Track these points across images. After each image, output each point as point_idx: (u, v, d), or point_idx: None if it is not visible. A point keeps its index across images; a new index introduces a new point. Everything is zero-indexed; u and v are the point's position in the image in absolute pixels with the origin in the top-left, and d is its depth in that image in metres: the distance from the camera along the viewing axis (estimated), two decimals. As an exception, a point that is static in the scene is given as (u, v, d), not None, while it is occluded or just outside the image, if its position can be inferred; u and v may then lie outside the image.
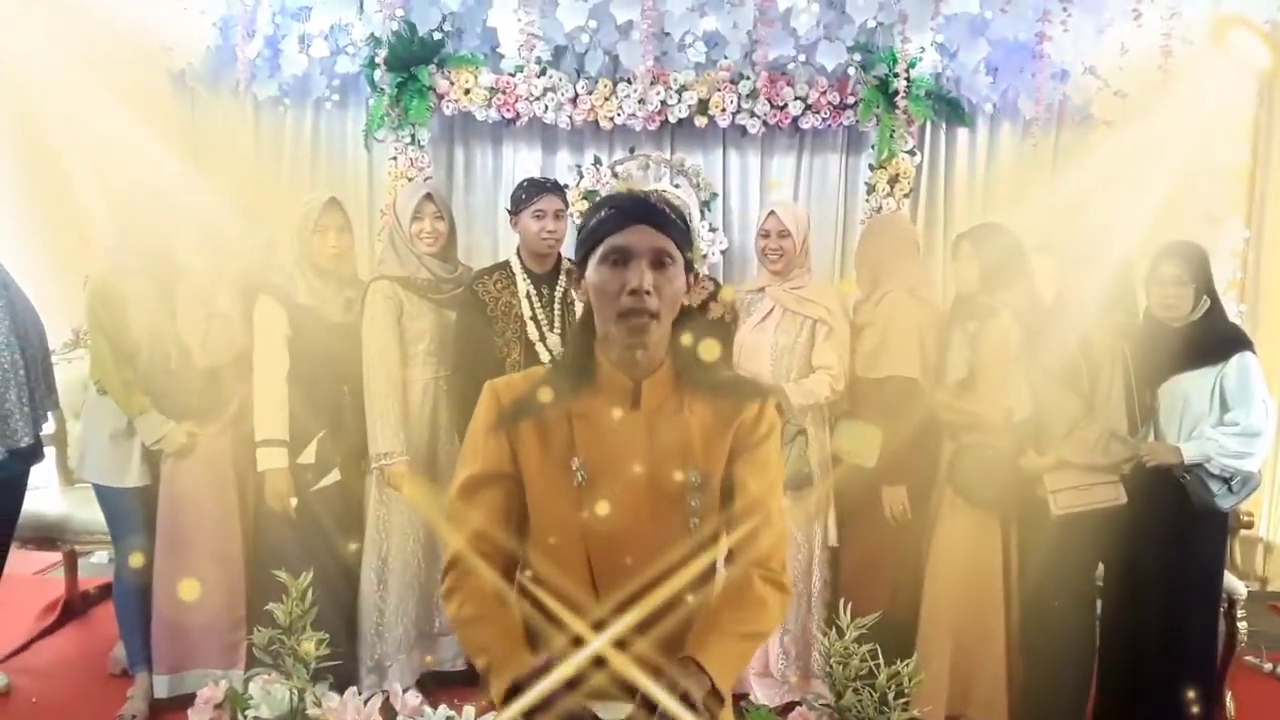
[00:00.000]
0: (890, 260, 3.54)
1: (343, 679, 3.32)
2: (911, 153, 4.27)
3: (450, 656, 3.76)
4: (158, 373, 3.42)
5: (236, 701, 3.13)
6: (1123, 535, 3.28)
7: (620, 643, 1.57)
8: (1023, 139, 4.48)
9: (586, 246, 1.67)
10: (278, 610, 3.02)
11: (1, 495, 3.42)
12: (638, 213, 1.64)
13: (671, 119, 4.27)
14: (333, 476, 3.46)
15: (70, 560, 4.29)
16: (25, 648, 4.05)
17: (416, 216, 3.47)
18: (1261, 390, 3.22)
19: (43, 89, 4.23)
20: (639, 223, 1.63)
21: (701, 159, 4.53)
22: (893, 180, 4.24)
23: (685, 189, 4.39)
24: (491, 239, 4.58)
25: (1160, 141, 4.20)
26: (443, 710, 3.26)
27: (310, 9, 4.18)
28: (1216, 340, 3.26)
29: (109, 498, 3.51)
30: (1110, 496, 3.25)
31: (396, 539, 3.56)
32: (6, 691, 3.69)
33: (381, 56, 4.00)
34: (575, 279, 1.73)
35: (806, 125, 4.29)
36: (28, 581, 4.58)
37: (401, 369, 3.46)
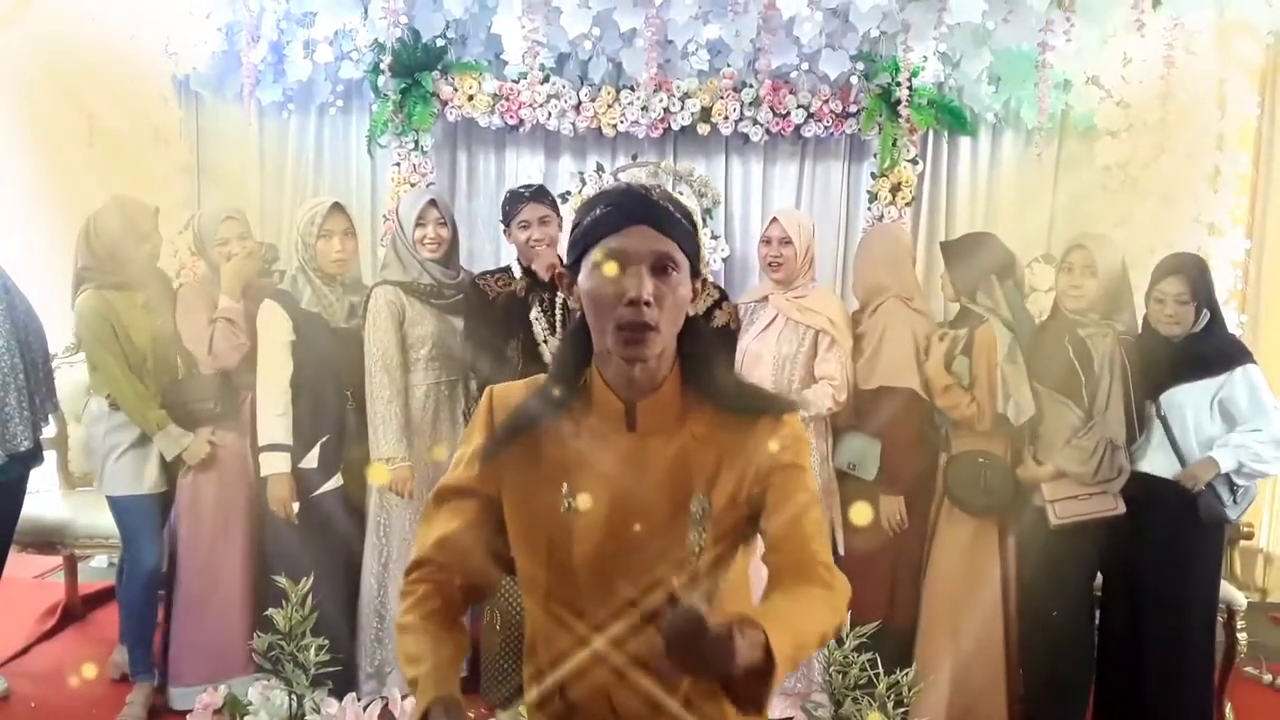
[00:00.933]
0: (885, 271, 3.54)
1: (342, 685, 3.32)
2: (914, 161, 4.27)
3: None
4: (165, 382, 3.43)
5: (235, 708, 3.14)
6: (1122, 545, 3.29)
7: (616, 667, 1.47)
8: (1025, 148, 4.48)
9: (579, 248, 1.47)
10: (277, 616, 3.02)
11: (1, 498, 3.41)
12: (638, 211, 1.43)
13: (674, 126, 4.27)
14: (335, 482, 3.46)
15: (70, 564, 4.29)
16: (24, 652, 4.04)
17: (420, 222, 3.47)
18: (1272, 399, 3.23)
19: (45, 91, 4.25)
20: (639, 223, 1.42)
21: (704, 167, 4.53)
22: (895, 189, 4.24)
23: (688, 196, 4.39)
24: (494, 244, 4.57)
25: (1162, 152, 4.21)
26: (442, 717, 3.26)
27: (315, 15, 4.19)
28: (1215, 353, 3.26)
29: (127, 505, 3.49)
30: (1108, 506, 3.26)
31: (397, 544, 3.55)
32: (5, 696, 3.68)
33: (386, 62, 4.00)
34: (567, 284, 1.52)
35: (809, 133, 4.30)
36: (27, 585, 4.57)
37: (403, 374, 3.46)
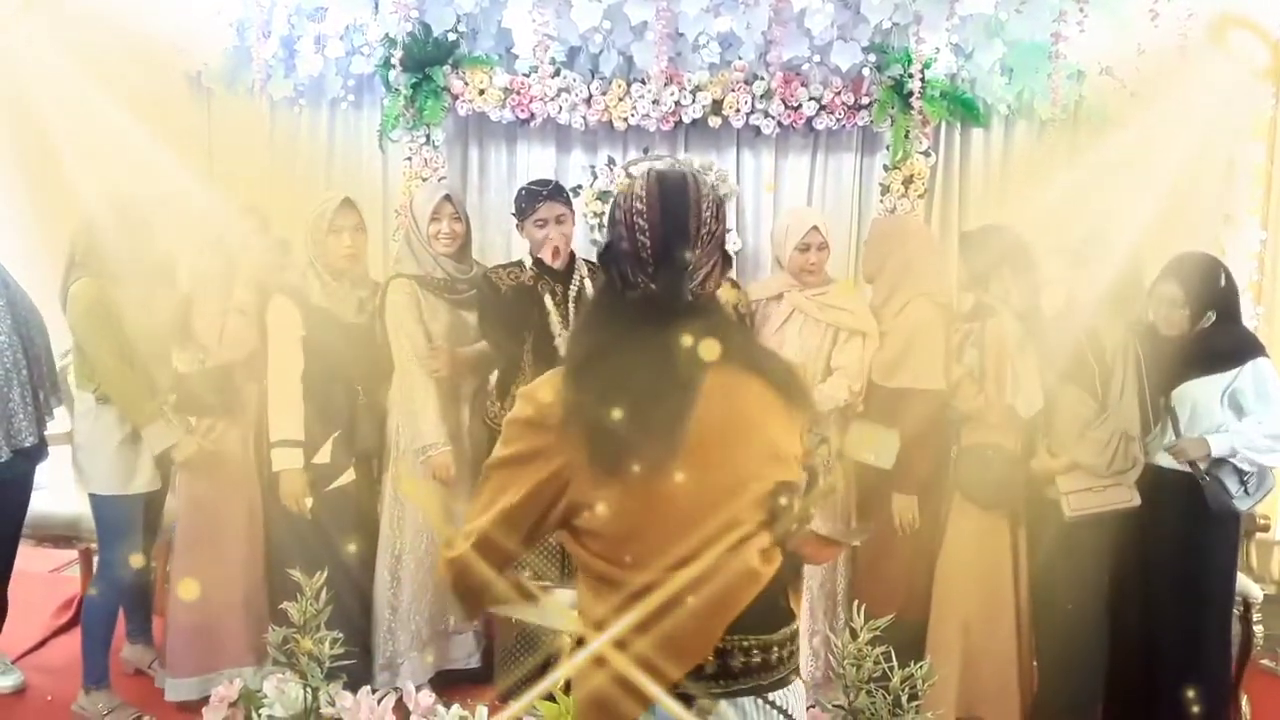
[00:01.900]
0: (914, 265, 3.48)
1: (356, 677, 3.32)
2: (926, 153, 4.26)
3: (462, 655, 3.77)
4: (163, 375, 3.41)
5: (251, 700, 3.14)
6: (1136, 537, 3.26)
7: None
8: (1038, 140, 4.46)
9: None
10: (292, 609, 3.03)
11: (8, 494, 3.38)
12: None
13: (685, 119, 4.27)
14: (347, 476, 3.47)
15: (85, 559, 4.29)
16: (40, 646, 4.07)
17: (434, 218, 3.47)
18: (1278, 392, 3.21)
19: (49, 89, 4.25)
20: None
21: (715, 159, 4.52)
22: (907, 181, 4.23)
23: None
24: (505, 238, 4.58)
25: (1176, 142, 4.19)
26: (455, 709, 3.27)
27: (326, 10, 4.20)
28: (1226, 348, 3.25)
29: (111, 505, 3.42)
30: (1124, 498, 3.23)
31: (410, 537, 3.57)
32: (21, 689, 3.71)
33: (397, 57, 4.01)
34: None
35: (821, 126, 4.28)
36: (42, 580, 4.59)
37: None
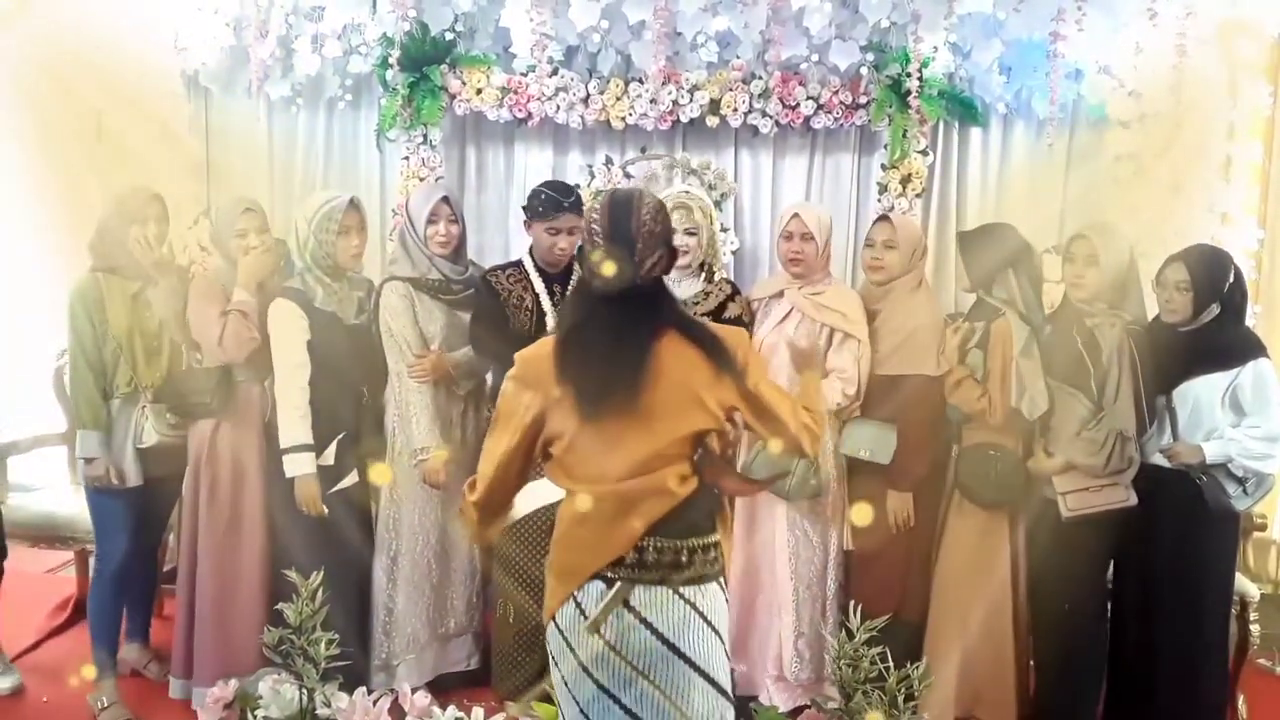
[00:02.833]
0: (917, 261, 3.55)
1: (352, 679, 3.32)
2: (924, 153, 4.25)
3: (460, 657, 3.76)
4: (156, 375, 3.41)
5: (246, 701, 3.14)
6: (1134, 537, 3.27)
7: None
8: (1037, 139, 4.45)
9: None
10: (288, 610, 3.03)
11: None
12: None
13: (683, 119, 4.25)
14: (352, 478, 3.46)
15: (81, 559, 4.29)
16: (36, 646, 4.06)
17: (432, 219, 3.47)
18: (1277, 395, 3.20)
19: (52, 88, 4.25)
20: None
21: (713, 159, 4.51)
22: (905, 180, 4.22)
23: (697, 189, 4.37)
24: (503, 238, 4.57)
25: (1174, 142, 4.19)
26: (451, 711, 3.27)
27: (323, 9, 4.18)
28: (1228, 346, 3.24)
29: (101, 498, 3.45)
30: (1121, 498, 3.23)
31: (406, 538, 3.56)
32: (18, 690, 3.71)
33: (394, 56, 4.00)
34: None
35: (819, 125, 4.27)
36: (38, 580, 4.58)
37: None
